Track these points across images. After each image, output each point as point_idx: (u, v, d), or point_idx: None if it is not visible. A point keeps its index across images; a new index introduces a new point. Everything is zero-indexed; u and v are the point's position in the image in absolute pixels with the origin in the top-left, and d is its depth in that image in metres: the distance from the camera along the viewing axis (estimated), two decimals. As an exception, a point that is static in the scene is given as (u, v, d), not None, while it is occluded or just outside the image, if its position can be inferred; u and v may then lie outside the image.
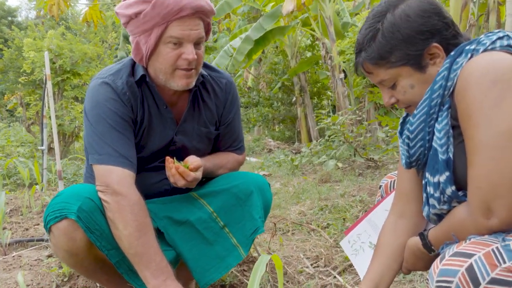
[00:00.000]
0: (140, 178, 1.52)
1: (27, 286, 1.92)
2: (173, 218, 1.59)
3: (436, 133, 1.08)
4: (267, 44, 8.42)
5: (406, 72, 1.10)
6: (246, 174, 1.70)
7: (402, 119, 1.26)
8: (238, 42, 8.46)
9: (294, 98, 10.22)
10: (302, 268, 2.02)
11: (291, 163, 5.50)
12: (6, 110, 17.56)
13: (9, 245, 2.54)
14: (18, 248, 2.57)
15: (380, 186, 1.56)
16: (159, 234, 1.54)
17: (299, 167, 5.46)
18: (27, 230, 2.95)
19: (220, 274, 1.58)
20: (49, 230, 1.39)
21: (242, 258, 1.60)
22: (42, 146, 4.57)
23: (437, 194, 1.09)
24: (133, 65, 1.54)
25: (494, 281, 0.84)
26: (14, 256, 2.37)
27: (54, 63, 7.50)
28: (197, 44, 1.45)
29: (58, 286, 1.92)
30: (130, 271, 1.46)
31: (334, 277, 1.89)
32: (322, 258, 2.09)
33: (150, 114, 1.55)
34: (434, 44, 1.08)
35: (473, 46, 1.04)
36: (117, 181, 1.39)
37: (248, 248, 1.61)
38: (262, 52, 10.51)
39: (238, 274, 1.95)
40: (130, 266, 1.45)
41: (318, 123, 5.32)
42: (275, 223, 2.52)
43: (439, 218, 1.13)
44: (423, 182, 1.15)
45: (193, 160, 1.54)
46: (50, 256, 2.30)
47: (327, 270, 1.97)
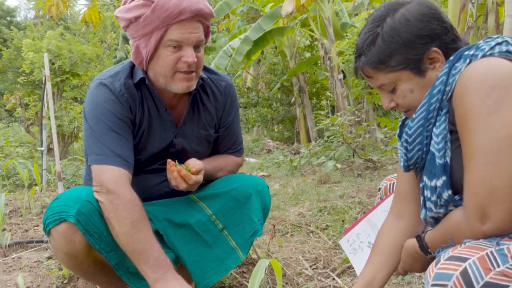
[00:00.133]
0: (139, 181, 1.52)
1: (27, 288, 1.93)
2: (172, 221, 1.60)
3: (434, 137, 1.08)
4: (266, 44, 8.41)
5: (405, 76, 1.11)
6: (245, 177, 1.71)
7: (401, 122, 1.27)
8: (237, 42, 8.45)
9: (293, 99, 10.21)
10: (301, 270, 2.03)
11: (290, 164, 5.50)
12: (5, 110, 17.53)
13: (8, 246, 2.54)
14: (17, 249, 2.57)
15: (379, 189, 1.57)
16: (158, 236, 1.54)
17: (298, 168, 5.46)
18: (27, 231, 2.94)
19: (219, 276, 1.59)
20: (48, 233, 1.39)
21: (241, 260, 1.61)
22: (42, 147, 4.57)
23: (434, 198, 1.09)
24: (132, 67, 1.55)
25: (488, 285, 0.85)
26: (14, 257, 2.37)
27: (53, 64, 7.49)
28: (196, 47, 1.45)
29: (58, 288, 1.92)
30: (129, 273, 1.47)
31: (333, 279, 1.90)
32: (321, 260, 2.10)
33: (150, 116, 1.55)
34: (434, 48, 1.08)
35: (471, 52, 1.04)
36: (110, 180, 1.39)
37: (247, 250, 1.62)
38: (261, 52, 10.51)
39: (238, 276, 1.95)
40: (129, 268, 1.46)
41: (317, 124, 5.32)
42: (274, 225, 2.53)
43: (436, 221, 1.14)
44: (421, 185, 1.16)
45: (194, 163, 1.54)
46: (50, 258, 2.30)
47: (326, 272, 1.98)
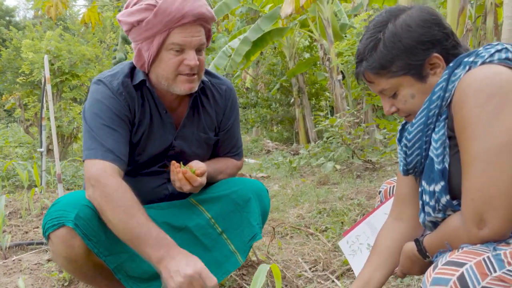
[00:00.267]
0: (139, 183, 1.53)
1: (28, 290, 1.94)
2: (171, 224, 1.60)
3: (433, 143, 1.09)
4: (265, 45, 8.41)
5: (407, 81, 1.12)
6: (244, 180, 1.72)
7: (401, 126, 1.28)
8: (236, 43, 8.45)
9: (292, 99, 10.21)
10: (300, 272, 2.04)
11: (289, 165, 5.50)
12: (4, 110, 17.51)
13: (8, 248, 2.55)
14: (17, 251, 2.57)
15: (379, 192, 1.58)
16: None
17: (297, 169, 5.47)
18: (27, 233, 2.95)
19: (217, 280, 1.59)
20: (47, 238, 1.39)
21: (239, 264, 1.61)
22: (41, 148, 4.57)
23: (432, 203, 1.10)
24: (132, 68, 1.56)
25: None
26: (14, 260, 2.38)
27: (52, 65, 7.48)
28: (198, 50, 1.47)
29: (58, 291, 1.93)
30: (128, 277, 1.47)
31: (333, 281, 1.91)
32: (320, 262, 2.11)
33: (151, 118, 1.56)
34: (435, 54, 1.09)
35: (471, 59, 1.05)
36: (96, 173, 1.38)
37: (245, 254, 1.62)
38: (260, 53, 10.51)
39: (237, 279, 1.96)
40: (128, 272, 1.46)
41: (316, 125, 5.32)
42: (274, 227, 2.53)
43: (434, 225, 1.15)
44: (420, 189, 1.17)
45: (198, 165, 1.55)
46: (50, 260, 2.31)
47: (326, 275, 1.98)
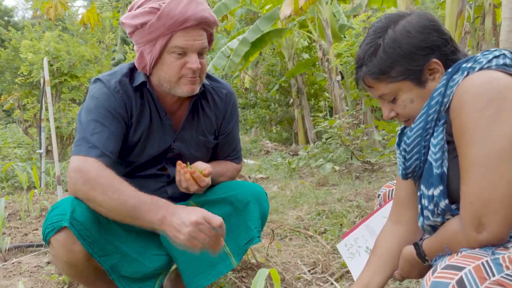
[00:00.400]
0: (138, 186, 1.53)
1: (27, 293, 1.94)
2: None
3: (431, 147, 1.10)
4: (264, 46, 8.42)
5: (406, 86, 1.13)
6: (244, 184, 1.72)
7: (400, 131, 1.29)
8: (235, 43, 8.47)
9: (291, 100, 10.22)
10: (299, 274, 2.04)
11: (289, 166, 5.51)
12: (3, 111, 17.49)
13: (8, 250, 2.55)
14: (17, 253, 2.57)
15: (378, 195, 1.59)
16: (155, 235, 1.54)
17: (297, 170, 5.48)
18: (26, 235, 2.95)
19: (209, 280, 1.58)
20: (48, 242, 1.39)
21: (233, 266, 1.61)
22: (40, 149, 4.57)
23: (431, 207, 1.11)
24: (131, 69, 1.57)
25: None
26: (13, 262, 2.38)
27: (51, 66, 7.47)
28: (200, 54, 1.48)
29: (58, 293, 1.94)
30: (121, 277, 1.47)
31: (332, 283, 1.91)
32: (319, 265, 2.11)
33: (150, 119, 1.57)
34: (434, 59, 1.10)
35: (469, 64, 1.06)
36: (76, 165, 1.37)
37: (240, 257, 1.62)
38: (259, 54, 10.52)
39: (237, 281, 1.97)
40: (121, 272, 1.47)
41: (316, 126, 5.33)
42: (273, 230, 2.54)
43: (433, 229, 1.15)
44: (418, 193, 1.17)
45: (203, 166, 1.56)
46: (49, 262, 2.31)
47: (325, 277, 1.99)
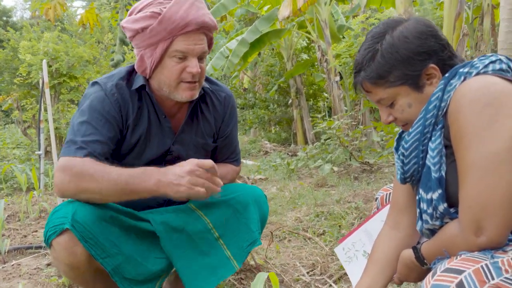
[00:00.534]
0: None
1: (27, 295, 1.95)
2: (170, 225, 1.61)
3: (429, 151, 1.11)
4: (263, 46, 8.42)
5: (404, 91, 1.14)
6: (243, 186, 1.73)
7: (398, 135, 1.30)
8: (234, 44, 8.47)
9: (290, 100, 10.22)
10: (298, 276, 2.05)
11: (287, 167, 5.51)
12: (1, 111, 17.47)
13: (7, 252, 2.55)
14: (16, 255, 2.58)
15: (376, 199, 1.60)
16: (155, 238, 1.56)
17: (295, 171, 5.48)
18: (25, 237, 2.95)
19: (210, 285, 1.58)
20: (50, 245, 1.40)
21: (235, 270, 1.61)
22: (39, 150, 4.57)
23: (430, 210, 1.12)
24: (130, 72, 1.58)
25: None
26: (13, 264, 2.38)
27: (50, 67, 7.46)
28: (200, 58, 1.50)
29: (57, 296, 1.94)
30: (124, 279, 1.47)
31: (330, 285, 1.92)
32: (318, 266, 2.12)
33: (149, 122, 1.58)
34: (431, 65, 1.11)
35: (466, 69, 1.07)
36: (60, 166, 1.39)
37: (242, 260, 1.62)
38: (258, 54, 10.52)
39: (236, 283, 1.97)
40: (124, 274, 1.47)
41: (314, 127, 5.34)
42: (272, 231, 2.55)
43: (432, 232, 1.16)
44: (417, 197, 1.18)
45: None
46: (49, 264, 2.32)
47: (323, 279, 2.00)
